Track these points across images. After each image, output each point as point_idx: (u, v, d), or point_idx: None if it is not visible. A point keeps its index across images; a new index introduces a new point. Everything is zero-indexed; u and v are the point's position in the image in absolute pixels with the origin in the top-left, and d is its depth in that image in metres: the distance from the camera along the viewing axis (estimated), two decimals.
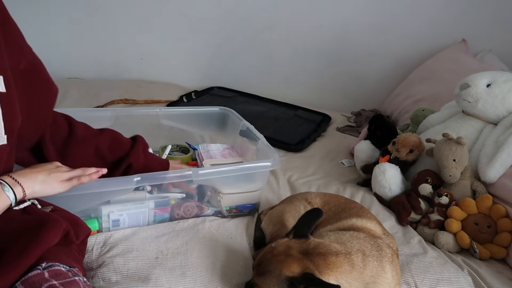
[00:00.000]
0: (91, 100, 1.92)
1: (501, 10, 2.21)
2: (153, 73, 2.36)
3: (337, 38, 2.31)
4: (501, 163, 1.21)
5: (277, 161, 1.15)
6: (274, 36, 2.32)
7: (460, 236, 1.15)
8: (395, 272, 0.86)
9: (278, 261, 0.79)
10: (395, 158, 1.36)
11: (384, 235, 0.95)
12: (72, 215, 0.85)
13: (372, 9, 2.23)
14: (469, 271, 1.06)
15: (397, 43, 2.30)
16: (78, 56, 2.29)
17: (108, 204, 1.02)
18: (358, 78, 2.41)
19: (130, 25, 2.26)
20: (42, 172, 0.81)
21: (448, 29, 2.24)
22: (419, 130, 1.60)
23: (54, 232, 0.74)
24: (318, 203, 1.08)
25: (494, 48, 2.24)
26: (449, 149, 1.23)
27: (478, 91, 1.34)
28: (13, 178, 0.75)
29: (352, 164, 1.63)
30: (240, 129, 1.38)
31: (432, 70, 2.06)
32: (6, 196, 0.72)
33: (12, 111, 0.74)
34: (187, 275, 0.91)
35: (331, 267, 0.77)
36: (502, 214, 1.17)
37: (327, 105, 2.31)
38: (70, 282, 0.70)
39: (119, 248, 0.96)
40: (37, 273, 0.69)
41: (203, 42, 2.34)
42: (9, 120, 0.73)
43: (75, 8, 2.18)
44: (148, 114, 1.42)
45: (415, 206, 1.24)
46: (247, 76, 2.42)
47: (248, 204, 1.21)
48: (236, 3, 2.24)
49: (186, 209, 1.12)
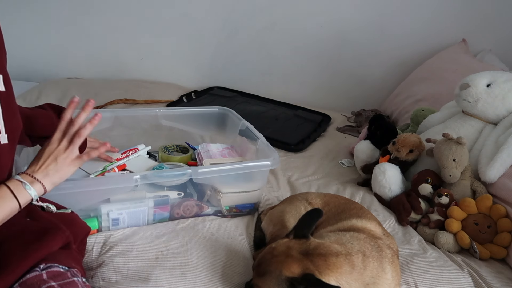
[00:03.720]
0: None
1: (501, 10, 2.21)
2: (153, 73, 2.36)
3: (337, 38, 2.31)
4: (501, 163, 1.21)
5: (277, 160, 1.15)
6: (274, 36, 2.32)
7: (460, 236, 1.15)
8: (395, 273, 0.86)
9: (278, 261, 0.79)
10: (395, 158, 1.36)
11: (384, 236, 0.95)
12: (70, 215, 0.85)
13: (372, 9, 2.23)
14: (469, 271, 1.06)
15: (397, 43, 2.30)
16: (78, 56, 2.29)
17: (107, 203, 1.02)
18: (358, 78, 2.41)
19: (130, 25, 2.26)
20: (49, 162, 0.79)
21: (448, 29, 2.24)
22: (419, 130, 1.60)
23: (57, 240, 0.75)
24: (318, 204, 1.08)
25: (494, 48, 2.24)
26: (449, 149, 1.23)
27: (478, 91, 1.34)
28: (31, 175, 0.76)
29: (352, 164, 1.63)
30: (239, 129, 1.38)
31: (432, 70, 2.06)
32: (27, 193, 0.74)
33: (11, 110, 0.74)
34: (187, 275, 0.91)
35: (332, 268, 0.77)
36: (502, 214, 1.17)
37: (327, 105, 2.31)
38: (69, 283, 0.70)
39: (119, 248, 0.96)
40: (35, 275, 0.69)
41: (203, 42, 2.35)
42: (9, 119, 0.73)
43: (75, 8, 2.18)
44: (148, 114, 1.42)
45: (415, 206, 1.24)
46: (247, 76, 2.42)
47: (248, 204, 1.21)
48: (236, 3, 2.24)
49: (185, 208, 1.12)
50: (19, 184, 0.74)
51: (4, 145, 0.73)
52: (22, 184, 0.74)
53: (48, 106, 1.01)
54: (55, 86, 2.00)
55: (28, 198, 0.75)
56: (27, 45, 2.17)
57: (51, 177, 0.78)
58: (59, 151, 0.81)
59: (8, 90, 0.73)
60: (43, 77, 2.17)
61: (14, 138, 0.76)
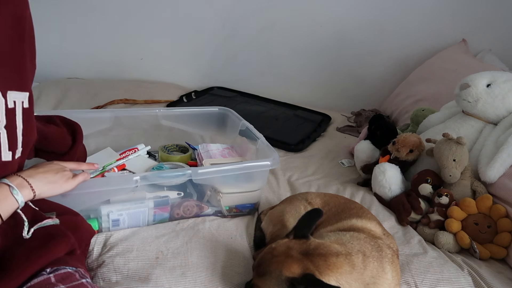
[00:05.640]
0: (91, 100, 1.92)
1: (501, 10, 2.21)
2: (153, 73, 2.36)
3: (337, 38, 2.31)
4: (501, 163, 1.21)
5: (277, 160, 1.15)
6: (274, 36, 2.32)
7: (460, 236, 1.15)
8: (395, 273, 0.86)
9: (278, 261, 0.79)
10: (395, 158, 1.36)
11: (384, 236, 0.95)
12: (76, 220, 0.85)
13: (372, 9, 2.23)
14: (469, 271, 1.06)
15: (397, 43, 2.30)
16: (78, 56, 2.29)
17: (107, 204, 1.02)
18: (358, 78, 2.41)
19: (130, 25, 2.26)
20: (49, 172, 0.80)
21: (448, 29, 2.24)
22: (419, 130, 1.60)
23: (62, 247, 0.75)
24: (318, 204, 1.08)
25: (494, 48, 2.24)
26: (449, 149, 1.23)
27: (478, 91, 1.34)
28: (23, 177, 0.74)
29: (352, 164, 1.63)
30: (239, 129, 1.38)
31: (432, 70, 2.06)
32: (14, 199, 0.71)
33: (30, 126, 0.75)
34: (187, 275, 0.91)
35: (332, 268, 0.77)
36: (502, 214, 1.17)
37: (327, 105, 2.31)
38: (78, 286, 0.70)
39: (119, 248, 0.96)
40: (43, 279, 0.69)
41: (203, 42, 2.35)
42: (27, 135, 0.73)
43: (75, 8, 2.18)
44: (148, 114, 1.42)
45: (415, 206, 1.24)
46: (247, 76, 2.42)
47: (248, 204, 1.21)
48: (236, 3, 2.24)
49: (185, 209, 1.12)
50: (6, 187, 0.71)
51: (18, 158, 0.73)
52: (9, 188, 0.71)
53: (61, 121, 1.00)
54: (55, 86, 2.00)
55: (14, 205, 0.72)
56: None
57: (44, 184, 0.77)
58: (60, 168, 0.84)
59: (30, 106, 0.74)
60: (43, 77, 2.17)
61: (26, 151, 0.76)
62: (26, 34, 0.72)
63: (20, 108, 0.70)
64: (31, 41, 0.74)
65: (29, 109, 0.73)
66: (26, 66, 0.72)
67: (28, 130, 0.74)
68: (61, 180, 0.82)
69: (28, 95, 0.73)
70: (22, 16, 0.70)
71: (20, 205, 0.72)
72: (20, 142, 0.72)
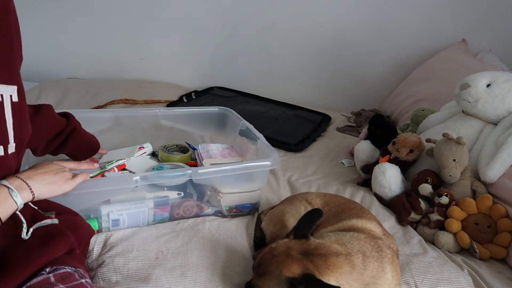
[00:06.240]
0: (91, 100, 1.92)
1: (501, 10, 2.21)
2: (153, 73, 2.36)
3: (337, 38, 2.31)
4: (501, 163, 1.21)
5: (277, 160, 1.15)
6: (274, 36, 2.32)
7: (460, 236, 1.15)
8: (395, 273, 0.86)
9: (278, 261, 0.79)
10: (395, 158, 1.36)
11: (384, 236, 0.95)
12: (75, 219, 0.85)
13: (372, 9, 2.23)
14: (469, 271, 1.06)
15: (397, 43, 2.30)
16: (78, 56, 2.29)
17: (107, 204, 1.02)
18: (358, 78, 2.41)
19: (130, 25, 2.26)
20: (48, 173, 0.80)
21: (448, 29, 2.24)
22: (419, 130, 1.60)
23: (61, 246, 0.74)
24: (318, 204, 1.08)
25: (494, 48, 2.24)
26: (449, 149, 1.23)
27: (478, 91, 1.34)
28: (22, 179, 0.74)
29: (352, 164, 1.63)
30: (239, 129, 1.38)
31: (432, 70, 2.06)
32: (13, 201, 0.71)
33: (22, 120, 0.74)
34: (187, 275, 0.91)
35: (332, 268, 0.77)
36: (502, 214, 1.17)
37: (327, 105, 2.31)
38: (78, 285, 0.70)
39: (119, 248, 0.96)
40: (42, 279, 0.69)
41: (203, 42, 2.35)
42: (19, 129, 0.72)
43: (75, 8, 2.18)
44: (148, 114, 1.42)
45: (415, 206, 1.24)
46: (247, 76, 2.42)
47: (248, 204, 1.21)
48: (236, 3, 2.24)
49: (185, 209, 1.12)
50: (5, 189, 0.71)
51: (12, 154, 0.72)
52: (8, 190, 0.71)
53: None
54: (55, 86, 2.00)
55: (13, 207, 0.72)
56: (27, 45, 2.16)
57: (44, 185, 0.77)
58: (59, 169, 0.84)
59: (21, 100, 0.73)
60: (43, 77, 2.17)
61: (21, 146, 0.75)
62: (11, 27, 0.70)
63: (8, 102, 0.69)
64: (16, 33, 0.73)
65: (20, 103, 0.72)
66: (13, 59, 0.71)
67: (21, 124, 0.73)
68: (61, 181, 0.82)
69: (16, 89, 0.71)
70: (6, 9, 0.68)
71: (19, 207, 0.72)
72: (12, 136, 0.71)
